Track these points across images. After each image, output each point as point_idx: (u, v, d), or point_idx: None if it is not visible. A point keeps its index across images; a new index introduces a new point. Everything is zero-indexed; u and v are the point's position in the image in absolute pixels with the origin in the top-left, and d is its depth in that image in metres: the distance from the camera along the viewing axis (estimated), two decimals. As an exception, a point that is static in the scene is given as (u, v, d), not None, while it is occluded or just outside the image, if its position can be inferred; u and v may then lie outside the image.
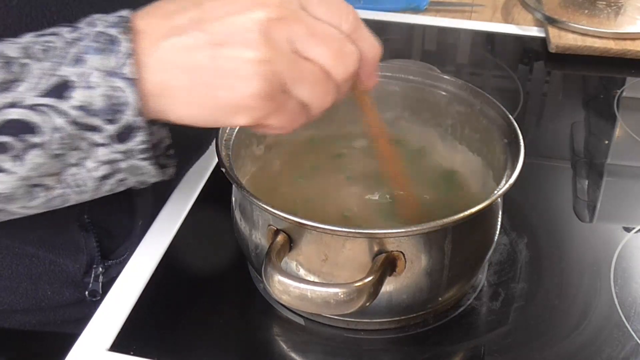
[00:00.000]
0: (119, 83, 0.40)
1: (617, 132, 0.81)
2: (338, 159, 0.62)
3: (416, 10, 1.03)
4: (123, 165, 0.44)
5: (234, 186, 0.52)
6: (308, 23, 0.40)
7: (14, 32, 0.44)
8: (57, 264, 0.62)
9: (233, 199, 0.56)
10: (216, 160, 0.58)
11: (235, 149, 0.54)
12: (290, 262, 0.50)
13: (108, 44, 0.40)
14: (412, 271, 0.48)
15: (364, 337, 0.54)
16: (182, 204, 0.65)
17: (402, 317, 0.53)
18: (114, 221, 0.63)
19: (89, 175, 0.44)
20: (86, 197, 0.46)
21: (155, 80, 0.41)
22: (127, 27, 0.41)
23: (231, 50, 0.39)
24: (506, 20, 1.03)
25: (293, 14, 0.40)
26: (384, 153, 0.52)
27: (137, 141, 0.42)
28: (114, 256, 0.64)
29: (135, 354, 0.51)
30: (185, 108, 0.42)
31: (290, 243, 0.48)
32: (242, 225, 0.53)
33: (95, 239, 0.62)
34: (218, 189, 0.61)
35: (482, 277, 0.58)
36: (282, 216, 0.46)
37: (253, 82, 0.40)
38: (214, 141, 0.53)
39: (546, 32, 0.96)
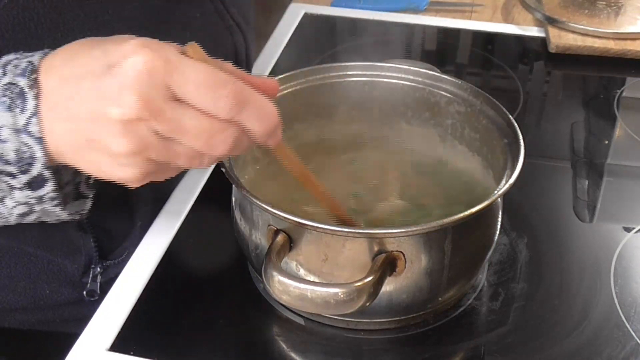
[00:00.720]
0: (27, 139, 0.43)
1: (617, 132, 0.81)
2: (338, 159, 0.62)
3: (416, 10, 1.03)
4: (37, 208, 0.47)
5: (234, 186, 0.52)
6: (172, 119, 0.40)
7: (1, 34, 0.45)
8: (55, 263, 0.62)
9: (233, 199, 0.56)
10: (216, 160, 0.58)
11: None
12: (290, 262, 0.50)
13: (16, 99, 0.42)
14: (412, 271, 0.48)
15: (364, 337, 0.54)
16: (182, 204, 0.65)
17: (402, 317, 0.53)
18: (112, 222, 0.63)
19: (9, 212, 0.47)
20: (12, 224, 0.49)
21: (52, 143, 0.43)
22: (32, 79, 0.42)
23: (102, 138, 0.41)
24: (506, 20, 1.03)
25: (154, 112, 0.39)
26: (313, 190, 0.51)
27: (47, 190, 0.46)
28: (112, 256, 0.64)
29: (135, 354, 0.51)
30: (83, 168, 0.44)
31: (290, 243, 0.48)
32: (242, 225, 0.53)
33: (93, 239, 0.62)
34: (218, 189, 0.61)
35: (482, 277, 0.58)
36: (282, 216, 0.46)
37: (128, 168, 0.42)
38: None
39: (546, 32, 0.96)
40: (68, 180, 0.48)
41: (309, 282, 0.45)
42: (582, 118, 0.83)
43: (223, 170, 0.50)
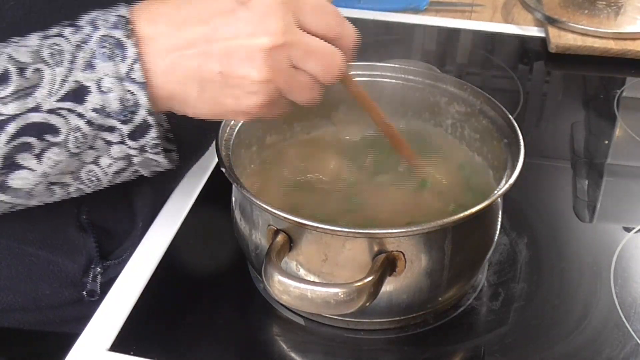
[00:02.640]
0: (131, 87, 0.44)
1: (617, 132, 0.81)
2: (338, 159, 0.62)
3: (416, 10, 1.03)
4: (136, 160, 0.48)
5: (234, 186, 0.52)
6: (304, 43, 0.45)
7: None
8: (56, 263, 0.62)
9: (233, 199, 0.56)
10: (216, 160, 0.58)
11: (235, 149, 0.54)
12: (290, 262, 0.50)
13: (114, 49, 0.43)
14: (412, 271, 0.48)
15: (364, 337, 0.54)
16: (182, 204, 0.65)
17: (402, 317, 0.53)
18: (113, 222, 0.63)
19: (103, 172, 0.48)
20: (100, 188, 0.50)
21: (164, 86, 0.45)
22: (129, 30, 0.44)
23: (238, 69, 0.44)
24: (506, 20, 1.03)
25: (293, 38, 0.44)
26: (374, 117, 0.56)
27: (150, 137, 0.46)
28: (113, 256, 0.64)
29: (135, 354, 0.51)
30: (194, 109, 0.47)
31: (290, 243, 0.48)
32: (242, 225, 0.53)
33: (94, 239, 0.62)
34: (218, 189, 0.61)
35: (482, 277, 0.58)
36: (282, 216, 0.46)
37: (256, 96, 0.45)
38: (214, 141, 0.53)
39: (546, 32, 0.96)
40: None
41: (309, 282, 0.45)
42: (582, 118, 0.83)
43: (223, 170, 0.50)
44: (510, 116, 0.56)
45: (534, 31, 0.99)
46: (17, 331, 0.66)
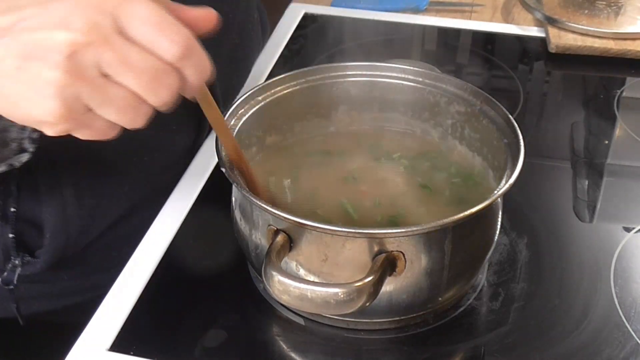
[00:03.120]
0: None
1: (617, 132, 0.81)
2: (338, 159, 0.62)
3: (416, 10, 1.03)
4: None
5: (234, 186, 0.52)
6: (119, 50, 0.39)
7: None
8: None
9: (233, 199, 0.56)
10: (216, 160, 0.58)
11: (235, 149, 0.54)
12: (290, 262, 0.50)
13: None
14: (412, 271, 0.48)
15: (364, 337, 0.54)
16: (182, 204, 0.65)
17: (402, 317, 0.53)
18: (40, 217, 0.62)
19: None
20: None
21: None
22: None
23: (34, 66, 0.39)
24: (506, 20, 1.03)
25: (102, 38, 0.38)
26: (228, 145, 0.51)
27: None
28: (33, 254, 0.63)
29: (135, 354, 0.51)
30: (1, 106, 0.42)
31: (290, 243, 0.48)
32: (242, 225, 0.53)
33: (12, 231, 0.61)
34: (218, 189, 0.61)
35: (482, 277, 0.58)
36: (282, 216, 0.46)
37: (51, 101, 0.39)
38: (214, 141, 0.53)
39: (546, 32, 0.96)
40: (13, 137, 0.47)
41: (309, 282, 0.45)
42: (582, 118, 0.83)
43: (223, 170, 0.50)
44: (510, 116, 0.56)
45: (534, 31, 0.99)
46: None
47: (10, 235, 0.61)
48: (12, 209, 0.60)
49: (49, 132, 0.41)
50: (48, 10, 0.39)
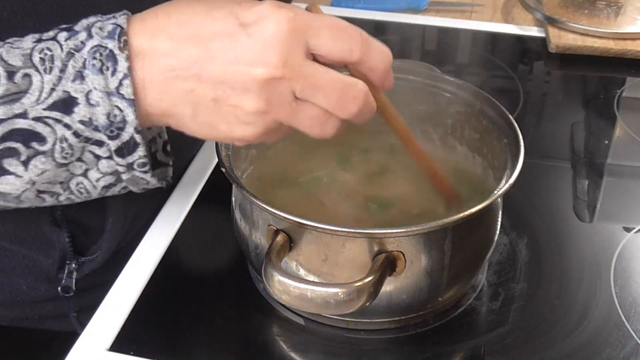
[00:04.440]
0: (118, 103, 0.43)
1: (617, 132, 0.81)
2: (338, 159, 0.62)
3: (416, 10, 1.03)
4: (124, 176, 0.47)
5: (234, 186, 0.52)
6: (309, 76, 0.41)
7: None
8: (31, 258, 0.62)
9: (233, 199, 0.56)
10: (216, 160, 0.58)
11: (235, 149, 0.54)
12: (290, 262, 0.50)
13: (105, 61, 0.42)
14: (412, 271, 0.48)
15: (364, 337, 0.54)
16: (182, 204, 0.65)
17: (402, 317, 0.53)
18: (86, 217, 0.62)
19: (92, 185, 0.47)
20: (91, 199, 0.49)
21: (157, 104, 0.43)
22: (123, 42, 0.42)
23: (231, 97, 0.41)
24: (506, 20, 1.03)
25: (295, 71, 0.41)
26: (409, 147, 0.54)
27: (137, 156, 0.45)
28: (87, 253, 0.64)
29: (135, 354, 0.51)
30: (189, 130, 0.45)
31: (290, 243, 0.48)
32: (242, 225, 0.53)
33: (68, 234, 0.62)
34: (218, 189, 0.61)
35: (482, 277, 0.58)
36: (282, 216, 0.46)
37: (251, 127, 0.43)
38: (214, 141, 0.53)
39: (546, 32, 0.96)
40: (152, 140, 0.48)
41: (309, 282, 0.45)
42: (582, 118, 0.83)
43: (223, 170, 0.50)
44: (510, 116, 0.56)
45: (534, 31, 0.99)
46: None
47: (67, 239, 0.62)
48: (59, 212, 0.60)
49: (242, 145, 0.47)
50: (238, 45, 0.41)
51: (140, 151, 0.45)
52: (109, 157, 0.45)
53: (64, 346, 0.52)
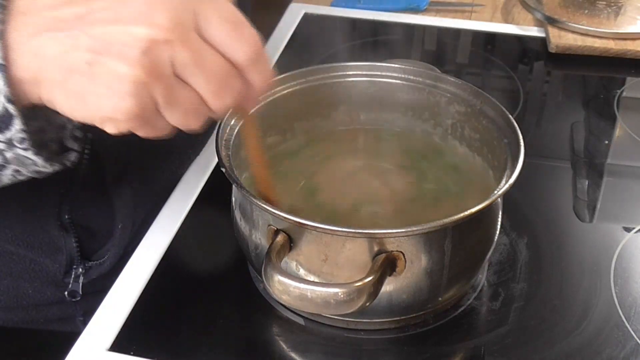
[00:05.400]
0: None
1: (617, 132, 0.81)
2: (339, 159, 0.62)
3: (416, 10, 1.03)
4: (8, 155, 0.42)
5: (234, 186, 0.52)
6: (196, 50, 0.38)
7: None
8: (37, 262, 0.62)
9: (233, 199, 0.56)
10: (216, 160, 0.58)
11: (235, 149, 0.54)
12: (290, 262, 0.50)
13: None
14: (412, 271, 0.48)
15: (364, 337, 0.54)
16: (182, 204, 0.65)
17: (402, 317, 0.53)
18: (94, 222, 0.63)
19: None
20: None
21: (28, 67, 0.39)
22: (1, 5, 0.39)
23: (108, 61, 0.37)
24: (506, 20, 1.03)
25: (182, 37, 0.38)
26: (260, 177, 0.51)
27: (14, 130, 0.41)
28: (94, 257, 0.64)
29: (135, 354, 0.51)
30: (58, 102, 0.40)
31: (290, 243, 0.48)
32: (242, 225, 0.53)
33: (75, 239, 0.62)
34: (218, 189, 0.61)
35: (482, 277, 0.58)
36: (282, 216, 0.46)
37: (123, 99, 0.38)
38: (214, 141, 0.53)
39: (546, 32, 0.96)
40: (52, 137, 0.45)
41: (309, 282, 0.45)
42: (582, 118, 0.83)
43: (223, 170, 0.50)
44: (510, 116, 0.56)
45: (534, 31, 0.99)
46: (1, 329, 0.66)
47: (74, 244, 0.62)
48: (67, 216, 0.60)
49: (112, 130, 0.40)
50: (125, 4, 0.38)
51: (17, 124, 0.40)
52: None
53: (68, 346, 0.52)
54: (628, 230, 0.64)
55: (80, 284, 0.64)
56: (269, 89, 0.43)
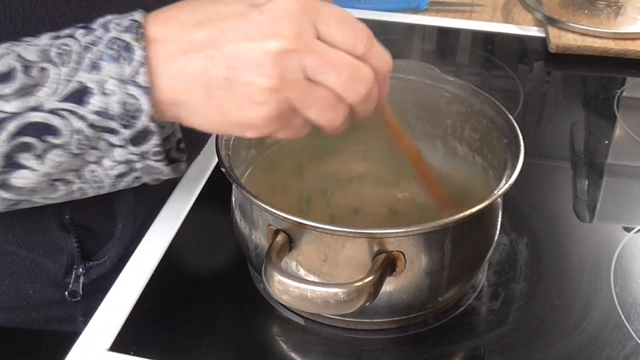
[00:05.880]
0: (133, 91, 0.42)
1: (617, 132, 0.81)
2: (339, 158, 0.62)
3: (416, 10, 1.03)
4: (138, 165, 0.46)
5: (234, 186, 0.52)
6: (321, 53, 0.42)
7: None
8: (38, 263, 0.62)
9: (233, 199, 0.56)
10: (216, 160, 0.58)
11: (235, 149, 0.54)
12: (290, 262, 0.50)
13: (122, 51, 0.42)
14: (412, 271, 0.48)
15: (364, 337, 0.54)
16: (182, 204, 0.65)
17: (402, 317, 0.53)
18: (95, 222, 0.63)
19: (106, 173, 0.46)
20: (104, 192, 0.49)
21: (170, 90, 0.43)
22: (140, 34, 0.43)
23: (244, 74, 0.41)
24: (506, 20, 1.03)
25: (307, 45, 0.41)
26: (408, 154, 0.54)
27: (151, 144, 0.45)
28: (95, 257, 0.64)
29: (135, 354, 0.51)
30: (199, 118, 0.44)
31: (290, 243, 0.48)
32: (242, 225, 0.53)
33: (76, 239, 0.62)
34: (218, 189, 0.61)
35: (482, 277, 0.58)
36: (282, 216, 0.46)
37: (264, 107, 0.42)
38: (214, 141, 0.53)
39: (546, 32, 0.96)
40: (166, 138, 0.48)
41: (309, 282, 0.45)
42: (582, 118, 0.83)
43: (223, 170, 0.50)
44: (510, 116, 0.56)
45: (534, 31, 0.99)
46: (1, 329, 0.66)
47: (75, 244, 0.62)
48: (67, 216, 0.60)
49: (253, 135, 0.44)
50: (249, 23, 0.41)
51: (155, 140, 0.44)
52: (123, 146, 0.45)
53: (68, 347, 0.52)
54: (628, 230, 0.64)
55: (81, 284, 0.64)
56: (391, 70, 0.46)
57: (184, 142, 0.50)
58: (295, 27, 0.41)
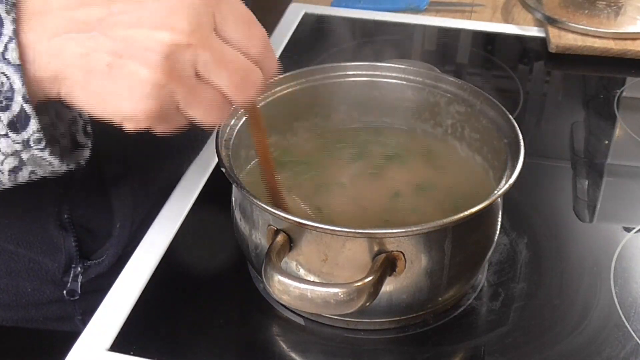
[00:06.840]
0: (5, 69, 0.38)
1: (617, 132, 0.81)
2: (339, 158, 0.62)
3: (416, 10, 1.03)
4: (24, 156, 0.42)
5: (234, 186, 0.52)
6: (217, 50, 0.39)
7: None
8: (36, 261, 0.62)
9: (233, 199, 0.56)
10: (216, 160, 0.58)
11: (235, 149, 0.54)
12: (290, 262, 0.50)
13: None
14: (412, 271, 0.48)
15: (364, 337, 0.54)
16: (182, 204, 0.65)
17: (402, 317, 0.53)
18: (93, 221, 0.63)
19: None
20: (7, 187, 0.45)
21: (48, 67, 0.39)
22: (11, 4, 0.39)
23: (129, 63, 0.38)
24: (506, 20, 1.03)
25: (203, 40, 0.39)
26: (266, 167, 0.51)
27: (31, 130, 0.41)
28: (93, 257, 0.64)
29: (135, 354, 0.51)
30: (78, 101, 0.40)
31: (290, 243, 0.48)
32: (242, 225, 0.53)
33: (74, 238, 0.62)
34: (218, 189, 0.61)
35: (482, 277, 0.58)
36: (282, 216, 0.46)
37: (144, 101, 0.39)
38: (214, 141, 0.53)
39: (546, 32, 0.96)
40: (63, 132, 0.45)
41: (309, 282, 0.45)
42: (582, 118, 0.83)
43: (223, 170, 0.50)
44: (510, 116, 0.56)
45: (534, 31, 0.99)
46: (0, 328, 0.67)
47: (73, 243, 0.62)
48: (66, 216, 0.60)
49: (130, 127, 0.41)
50: (145, 7, 0.38)
51: (33, 125, 0.40)
52: (6, 135, 0.40)
53: (67, 346, 0.52)
54: (628, 230, 0.64)
55: (79, 283, 0.64)
56: (274, 78, 0.44)
57: (90, 125, 0.46)
58: (193, 19, 0.38)
